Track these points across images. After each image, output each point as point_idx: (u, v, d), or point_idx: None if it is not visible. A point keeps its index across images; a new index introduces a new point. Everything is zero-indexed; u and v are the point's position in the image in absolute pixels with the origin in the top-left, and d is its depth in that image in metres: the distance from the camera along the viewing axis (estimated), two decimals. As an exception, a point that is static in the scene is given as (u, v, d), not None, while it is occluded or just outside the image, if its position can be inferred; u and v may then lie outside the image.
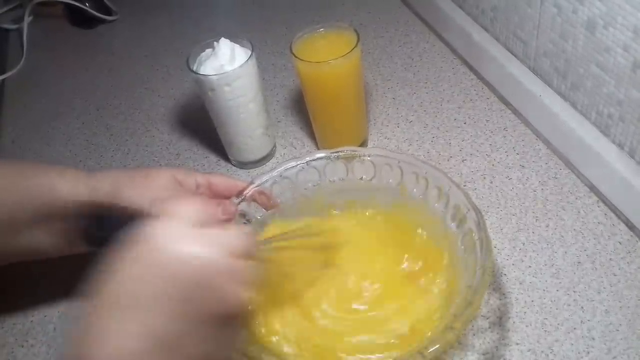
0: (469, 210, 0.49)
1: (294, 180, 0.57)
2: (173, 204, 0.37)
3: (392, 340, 0.48)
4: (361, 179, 0.57)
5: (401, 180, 0.55)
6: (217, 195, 0.55)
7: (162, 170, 0.54)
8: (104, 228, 0.39)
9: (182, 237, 0.35)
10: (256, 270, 0.38)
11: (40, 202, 0.50)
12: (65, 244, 0.52)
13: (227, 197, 0.54)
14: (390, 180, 0.56)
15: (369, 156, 0.56)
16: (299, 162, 0.57)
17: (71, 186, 0.51)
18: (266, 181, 0.56)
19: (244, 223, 0.54)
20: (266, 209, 0.55)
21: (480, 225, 0.47)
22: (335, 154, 0.57)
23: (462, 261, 0.49)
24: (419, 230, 0.54)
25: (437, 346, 0.41)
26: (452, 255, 0.51)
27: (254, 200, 0.54)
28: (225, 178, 0.56)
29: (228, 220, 0.47)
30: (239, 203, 0.54)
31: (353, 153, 0.57)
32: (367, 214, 0.58)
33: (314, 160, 0.57)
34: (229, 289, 0.36)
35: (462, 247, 0.49)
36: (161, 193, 0.51)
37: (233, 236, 0.37)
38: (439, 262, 0.52)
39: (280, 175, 0.56)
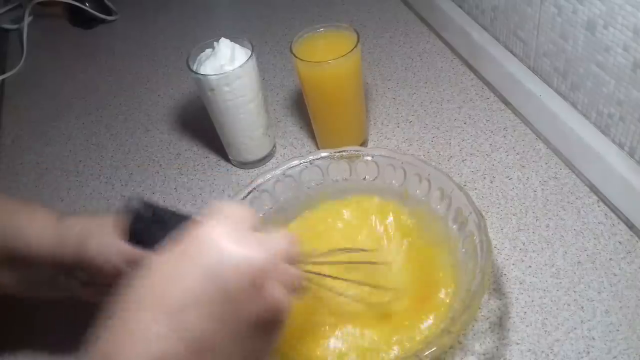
0: (470, 213, 0.49)
1: (297, 179, 0.57)
2: (222, 206, 0.37)
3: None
4: (364, 179, 0.57)
5: (404, 181, 0.55)
6: None
7: None
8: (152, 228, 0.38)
9: (229, 237, 0.35)
10: (300, 275, 0.38)
11: (5, 245, 0.49)
12: (29, 287, 0.51)
13: None
14: (394, 181, 0.56)
15: (372, 156, 0.56)
16: (302, 161, 0.57)
17: (39, 232, 0.49)
18: (269, 179, 0.56)
19: None
20: None
21: (482, 228, 0.47)
22: (338, 153, 0.57)
23: (462, 264, 0.49)
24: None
25: (434, 349, 0.41)
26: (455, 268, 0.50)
27: None
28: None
29: None
30: None
31: (356, 153, 0.57)
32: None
33: (317, 159, 0.57)
34: (271, 291, 0.36)
35: (463, 250, 0.49)
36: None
37: (279, 240, 0.37)
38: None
39: (284, 174, 0.56)
